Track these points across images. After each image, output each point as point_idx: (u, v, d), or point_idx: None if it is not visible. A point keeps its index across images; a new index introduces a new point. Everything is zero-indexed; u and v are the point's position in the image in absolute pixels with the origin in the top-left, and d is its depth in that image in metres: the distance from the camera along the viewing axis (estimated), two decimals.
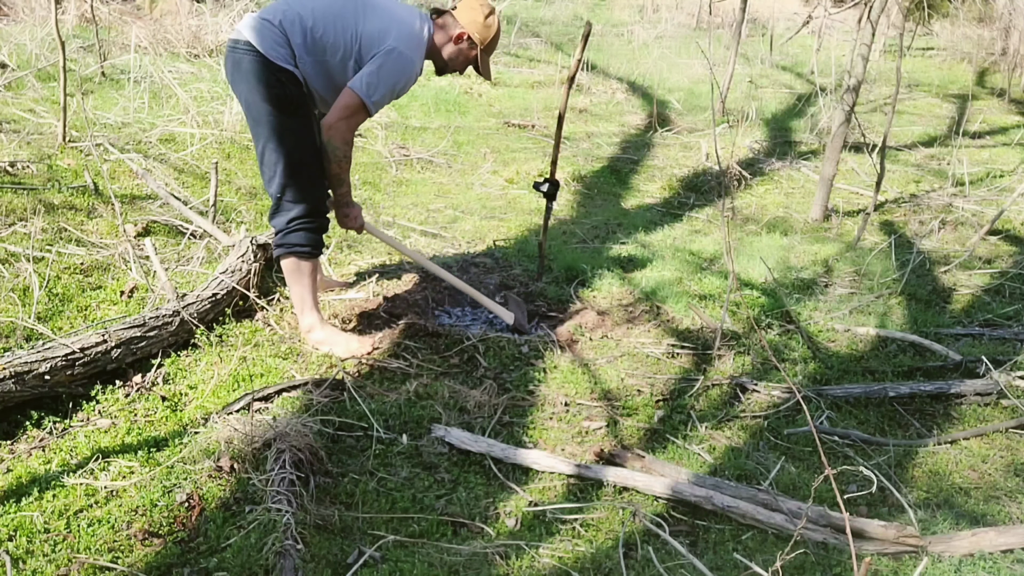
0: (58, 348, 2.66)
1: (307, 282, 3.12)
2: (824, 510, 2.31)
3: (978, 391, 3.03)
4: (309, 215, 3.05)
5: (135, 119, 5.37)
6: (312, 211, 3.06)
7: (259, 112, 2.91)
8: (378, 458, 2.57)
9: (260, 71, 2.85)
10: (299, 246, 3.05)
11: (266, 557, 2.04)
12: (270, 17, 2.88)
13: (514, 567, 2.15)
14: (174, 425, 2.67)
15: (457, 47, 3.08)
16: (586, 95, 8.19)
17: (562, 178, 5.49)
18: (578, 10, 12.72)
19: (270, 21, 2.87)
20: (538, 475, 2.55)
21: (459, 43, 3.06)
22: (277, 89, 2.88)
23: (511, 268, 4.12)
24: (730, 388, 3.09)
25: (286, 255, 3.07)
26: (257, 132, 2.96)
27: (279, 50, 2.85)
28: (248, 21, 2.90)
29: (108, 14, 7.65)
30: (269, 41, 2.85)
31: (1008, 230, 5.03)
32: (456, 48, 3.08)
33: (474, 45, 3.08)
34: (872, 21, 4.81)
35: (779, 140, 7.07)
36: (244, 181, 4.86)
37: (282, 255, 3.08)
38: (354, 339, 3.19)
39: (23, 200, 3.92)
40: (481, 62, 3.12)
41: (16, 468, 2.39)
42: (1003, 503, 2.49)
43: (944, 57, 11.11)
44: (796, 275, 4.22)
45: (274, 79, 2.86)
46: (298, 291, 3.14)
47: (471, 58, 3.12)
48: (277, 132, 2.93)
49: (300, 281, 3.12)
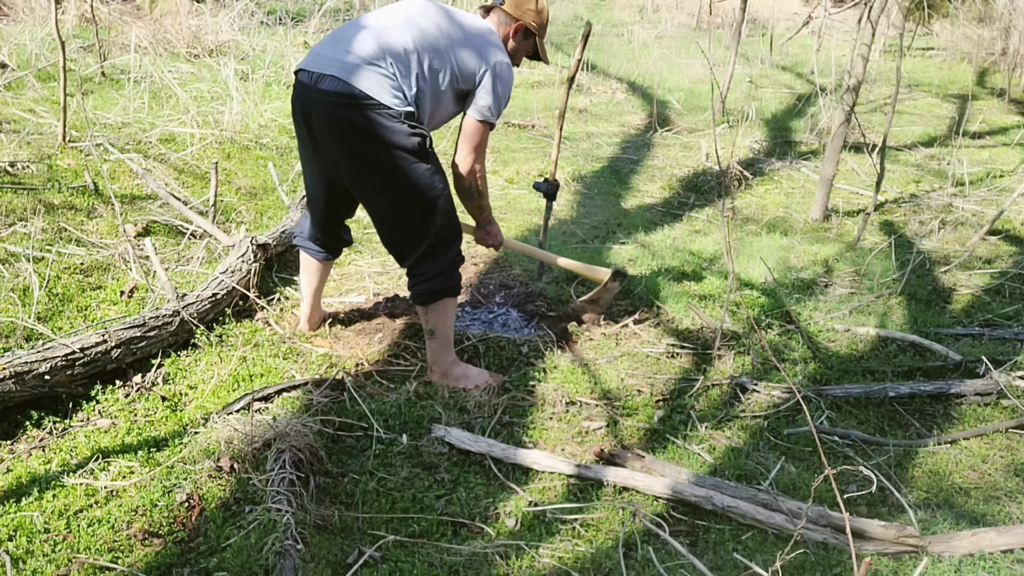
0: (58, 348, 2.66)
1: (453, 319, 2.98)
2: (824, 510, 2.31)
3: (978, 391, 3.03)
4: (460, 249, 2.92)
5: (135, 119, 5.37)
6: (461, 241, 2.92)
7: (388, 166, 2.66)
8: (378, 458, 2.57)
9: (386, 122, 2.59)
10: (458, 284, 2.92)
11: (266, 557, 2.04)
12: (374, 58, 2.61)
13: (514, 567, 2.15)
14: (174, 425, 2.67)
15: (517, 41, 3.00)
16: (586, 95, 8.19)
17: (562, 178, 5.50)
18: (578, 10, 12.71)
19: (378, 64, 2.60)
20: (538, 475, 2.55)
21: (517, 36, 2.99)
22: (413, 137, 2.64)
23: (511, 268, 4.12)
24: (730, 388, 3.09)
25: (445, 296, 2.89)
26: (388, 187, 2.71)
27: (398, 94, 2.62)
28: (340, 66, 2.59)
29: (108, 14, 7.65)
30: (386, 87, 2.60)
31: (1008, 230, 5.03)
32: (515, 44, 3.00)
33: (531, 34, 3.00)
34: (872, 21, 4.81)
35: (779, 140, 7.07)
36: (244, 181, 4.86)
37: (441, 298, 2.88)
38: (486, 373, 3.07)
39: (23, 200, 3.92)
40: (540, 48, 3.05)
41: (16, 468, 2.39)
42: (1003, 503, 2.49)
43: (944, 57, 11.11)
44: (796, 275, 4.22)
45: (406, 127, 2.62)
46: (447, 330, 2.95)
47: (529, 49, 3.05)
48: (420, 180, 2.71)
49: (450, 319, 2.94)
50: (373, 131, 2.60)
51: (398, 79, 2.62)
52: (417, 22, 2.72)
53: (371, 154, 2.65)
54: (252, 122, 5.76)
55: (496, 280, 3.95)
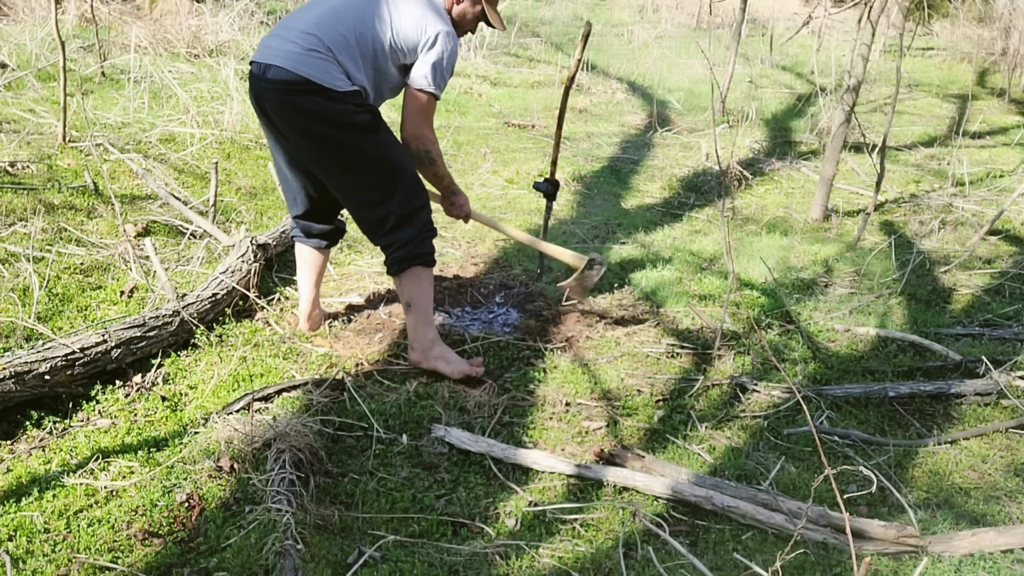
0: (58, 348, 2.66)
1: (431, 290, 2.99)
2: (824, 510, 2.31)
3: (978, 391, 3.03)
4: (430, 219, 2.95)
5: (135, 119, 5.37)
6: (430, 212, 2.96)
7: (343, 144, 2.77)
8: (378, 458, 2.57)
9: (332, 105, 2.69)
10: (430, 253, 2.95)
11: (266, 557, 2.04)
12: (313, 45, 2.69)
13: (514, 567, 2.15)
14: (174, 425, 2.67)
15: (460, 7, 2.96)
16: (586, 95, 8.18)
17: (562, 178, 5.49)
18: (578, 10, 12.72)
19: (316, 50, 2.68)
20: (538, 475, 2.55)
21: (461, 2, 2.95)
22: (361, 114, 2.75)
23: (511, 268, 4.12)
24: (730, 388, 3.09)
25: (417, 264, 2.92)
26: (347, 164, 2.81)
27: (340, 76, 2.70)
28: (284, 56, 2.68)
29: (108, 14, 7.65)
30: (326, 71, 2.68)
31: (1008, 230, 5.03)
32: (460, 8, 2.96)
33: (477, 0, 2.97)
34: (872, 21, 4.80)
35: (779, 140, 7.07)
36: (244, 181, 4.86)
37: (412, 265, 2.91)
38: (466, 362, 3.06)
39: (23, 200, 3.92)
40: (489, 14, 2.99)
41: (16, 468, 2.39)
42: (1003, 503, 2.49)
43: (944, 57, 11.11)
44: (796, 275, 4.22)
45: (351, 106, 2.73)
46: (424, 302, 2.97)
47: (477, 13, 3.00)
48: (379, 153, 2.81)
49: (426, 291, 2.97)
50: (321, 114, 2.70)
51: (339, 62, 2.71)
52: (355, 2, 2.79)
53: (325, 134, 2.75)
54: (252, 122, 5.75)
55: (496, 280, 3.95)
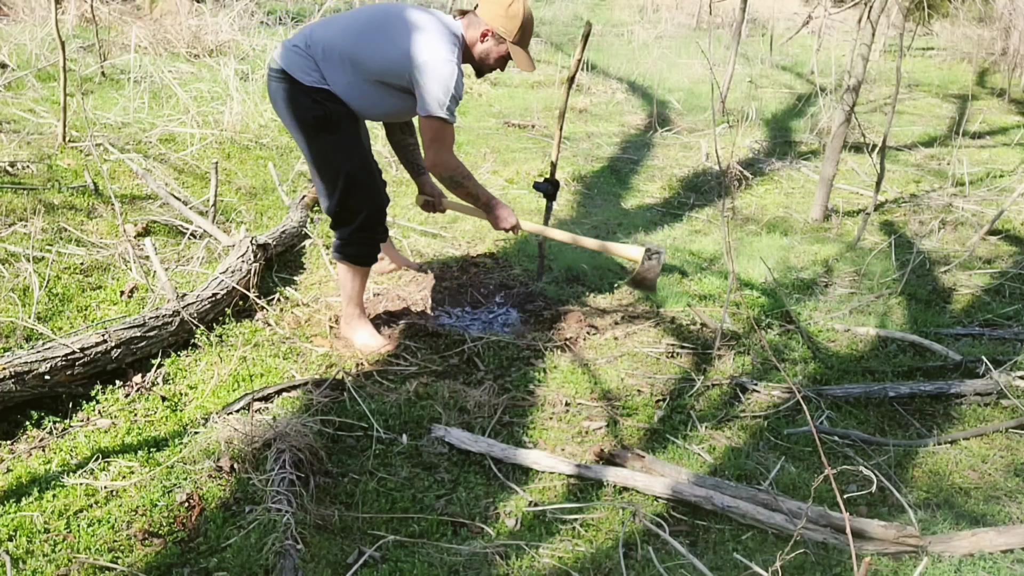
0: (58, 348, 2.66)
1: (358, 283, 3.23)
2: (824, 510, 2.31)
3: (978, 391, 3.03)
4: (366, 228, 3.11)
5: (135, 119, 5.37)
6: (369, 224, 3.11)
7: (302, 135, 3.00)
8: (378, 458, 2.57)
9: (295, 95, 2.93)
10: (356, 256, 3.16)
11: (266, 557, 2.04)
12: (299, 43, 2.95)
13: (514, 567, 2.15)
14: (174, 425, 2.67)
15: (484, 46, 3.00)
16: (586, 95, 8.19)
17: (562, 178, 5.49)
18: (578, 10, 12.72)
19: (298, 46, 2.94)
20: (538, 475, 2.55)
21: (485, 41, 2.99)
22: (315, 110, 2.93)
23: (511, 268, 4.12)
24: (730, 388, 3.09)
25: (343, 261, 3.16)
26: (307, 154, 3.07)
27: (312, 74, 2.91)
28: (279, 49, 3.00)
29: (108, 14, 7.65)
30: (299, 66, 2.91)
31: (1008, 230, 5.03)
32: (484, 47, 3.00)
33: (502, 40, 2.99)
34: (872, 21, 4.81)
35: (779, 140, 7.07)
36: (244, 181, 4.86)
37: (342, 260, 3.17)
38: (377, 336, 3.26)
39: (23, 200, 3.92)
40: (515, 55, 3.01)
41: (16, 468, 2.39)
42: (1003, 503, 2.49)
43: (944, 57, 11.11)
44: (796, 275, 4.22)
45: (310, 100, 2.92)
46: (350, 289, 3.23)
47: (504, 53, 3.02)
48: (324, 151, 3.01)
49: (352, 281, 3.22)
50: (286, 101, 2.96)
51: (315, 63, 2.92)
52: (356, 20, 2.99)
53: (290, 121, 3.02)
54: (252, 122, 5.76)
55: (496, 280, 3.95)
